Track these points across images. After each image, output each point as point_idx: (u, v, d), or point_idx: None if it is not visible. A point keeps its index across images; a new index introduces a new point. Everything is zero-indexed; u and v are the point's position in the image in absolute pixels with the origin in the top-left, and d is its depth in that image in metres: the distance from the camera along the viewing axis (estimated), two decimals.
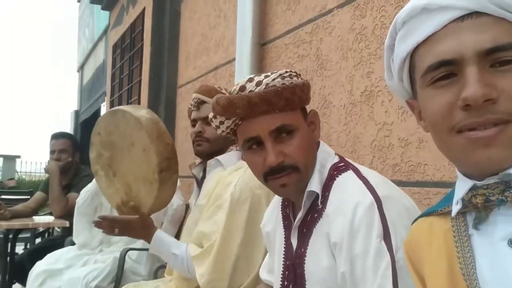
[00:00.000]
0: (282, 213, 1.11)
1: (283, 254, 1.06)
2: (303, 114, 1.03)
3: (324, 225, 0.95)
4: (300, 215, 1.00)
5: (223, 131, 1.04)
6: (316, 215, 0.98)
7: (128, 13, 4.90)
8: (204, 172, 1.82)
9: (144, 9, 4.25)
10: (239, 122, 1.00)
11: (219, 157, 1.72)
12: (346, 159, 1.05)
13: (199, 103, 1.76)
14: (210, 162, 1.74)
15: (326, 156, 1.04)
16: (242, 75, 2.29)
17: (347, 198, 0.92)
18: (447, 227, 0.67)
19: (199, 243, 1.57)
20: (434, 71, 0.62)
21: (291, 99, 0.97)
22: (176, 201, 2.14)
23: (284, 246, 1.06)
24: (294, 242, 1.02)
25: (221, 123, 1.02)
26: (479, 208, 0.63)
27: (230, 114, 0.98)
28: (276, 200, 1.17)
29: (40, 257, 2.52)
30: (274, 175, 0.98)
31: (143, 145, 1.50)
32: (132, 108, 1.58)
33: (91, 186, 2.38)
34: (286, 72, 1.00)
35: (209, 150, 1.73)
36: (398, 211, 0.89)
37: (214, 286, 1.47)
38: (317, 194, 0.98)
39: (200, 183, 1.83)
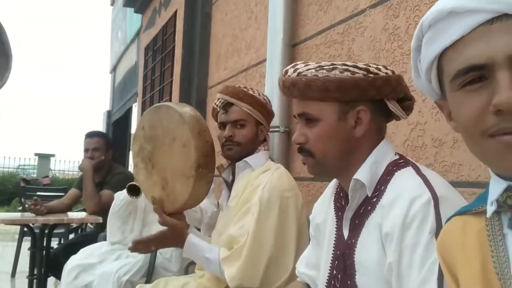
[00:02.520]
0: (335, 204, 1.12)
1: (333, 244, 1.07)
2: (342, 108, 1.01)
3: (377, 216, 0.95)
4: (349, 203, 1.01)
5: None
6: (369, 207, 0.98)
7: (160, 15, 4.99)
8: (233, 174, 1.82)
9: (176, 12, 4.32)
10: None
11: (247, 159, 1.73)
12: (407, 158, 1.05)
13: (227, 105, 1.74)
14: (239, 164, 1.75)
15: (384, 153, 1.03)
16: (272, 76, 2.31)
17: (404, 192, 0.91)
18: (481, 227, 0.66)
19: (229, 247, 1.58)
20: (464, 75, 0.61)
21: (315, 91, 0.99)
22: (211, 208, 2.13)
23: (335, 236, 1.07)
24: (346, 232, 1.03)
25: None
26: None
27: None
28: (329, 192, 1.17)
29: (74, 251, 2.59)
30: (299, 152, 1.08)
31: (184, 140, 1.53)
32: (177, 105, 1.63)
33: (126, 193, 2.37)
34: (330, 65, 1.00)
35: (240, 153, 1.74)
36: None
37: None
38: (370, 187, 0.98)
39: (230, 185, 1.83)
